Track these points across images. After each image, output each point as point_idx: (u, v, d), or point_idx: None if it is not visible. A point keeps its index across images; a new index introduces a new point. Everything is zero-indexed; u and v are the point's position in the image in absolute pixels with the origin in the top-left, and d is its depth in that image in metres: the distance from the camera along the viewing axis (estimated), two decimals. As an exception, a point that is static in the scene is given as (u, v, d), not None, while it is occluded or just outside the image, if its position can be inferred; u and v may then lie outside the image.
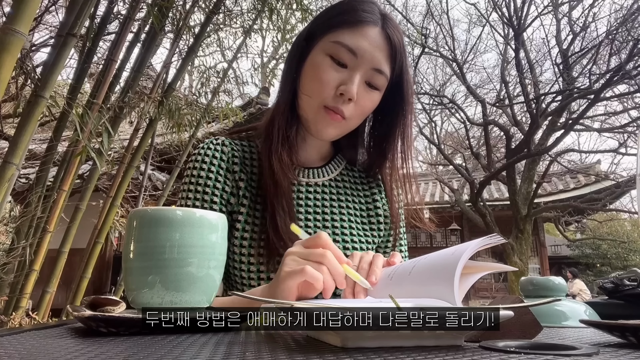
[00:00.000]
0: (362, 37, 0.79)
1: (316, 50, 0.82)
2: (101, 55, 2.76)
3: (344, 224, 0.90)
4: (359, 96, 0.80)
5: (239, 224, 0.85)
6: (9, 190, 1.63)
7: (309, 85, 0.82)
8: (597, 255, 14.58)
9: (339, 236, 0.88)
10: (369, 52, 0.78)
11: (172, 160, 4.17)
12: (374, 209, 0.96)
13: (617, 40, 6.28)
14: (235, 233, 0.84)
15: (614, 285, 2.30)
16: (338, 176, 0.96)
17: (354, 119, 0.83)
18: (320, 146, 0.95)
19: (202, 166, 0.87)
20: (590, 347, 0.35)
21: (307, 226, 0.87)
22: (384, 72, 0.80)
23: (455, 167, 8.78)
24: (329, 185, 0.93)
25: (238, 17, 2.94)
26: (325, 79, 0.79)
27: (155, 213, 0.52)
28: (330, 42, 0.80)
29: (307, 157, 0.94)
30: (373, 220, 0.95)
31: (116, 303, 0.51)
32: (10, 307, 2.03)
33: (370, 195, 0.97)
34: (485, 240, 0.57)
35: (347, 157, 1.00)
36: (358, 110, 0.82)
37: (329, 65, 0.79)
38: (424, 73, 11.24)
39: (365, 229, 0.93)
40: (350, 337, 0.35)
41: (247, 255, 0.82)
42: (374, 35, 0.79)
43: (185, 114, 2.75)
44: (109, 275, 6.93)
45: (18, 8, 1.22)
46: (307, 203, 0.90)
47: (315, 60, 0.81)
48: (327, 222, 0.89)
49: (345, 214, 0.92)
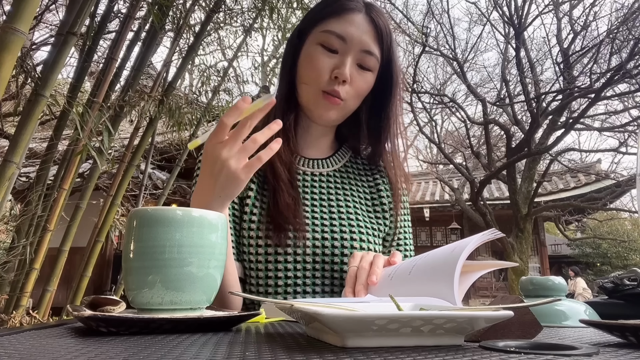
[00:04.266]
0: (348, 23, 0.84)
1: (308, 42, 0.88)
2: (101, 53, 2.77)
3: (350, 211, 0.92)
4: (353, 78, 0.85)
5: (247, 207, 0.88)
6: (10, 188, 1.63)
7: (306, 73, 0.87)
8: (597, 254, 14.60)
9: (345, 221, 0.90)
10: (356, 36, 0.84)
11: (172, 159, 4.17)
12: (378, 197, 0.98)
13: (618, 39, 6.26)
14: (244, 216, 0.88)
15: (614, 285, 2.30)
16: (342, 167, 0.99)
17: (351, 100, 0.87)
18: (324, 137, 0.98)
19: None
20: (590, 347, 0.35)
21: (313, 213, 0.89)
22: (373, 53, 0.85)
23: (455, 166, 8.77)
24: (334, 175, 0.97)
25: (238, 15, 2.93)
26: (319, 65, 0.84)
27: (155, 213, 0.52)
28: (320, 32, 0.86)
29: (312, 148, 0.97)
30: (378, 209, 0.97)
31: (116, 303, 0.51)
32: (10, 305, 2.03)
33: (374, 185, 1.00)
34: (483, 237, 0.57)
35: (351, 147, 1.03)
36: (353, 91, 0.86)
37: (321, 52, 0.85)
38: (425, 72, 11.25)
39: (370, 217, 0.95)
40: (350, 337, 0.35)
41: (256, 238, 0.85)
42: (359, 21, 0.85)
43: (186, 113, 2.75)
44: (109, 273, 6.94)
45: (18, 7, 1.21)
46: (313, 191, 0.92)
47: (308, 51, 0.87)
48: (334, 210, 0.91)
49: (350, 201, 0.94)
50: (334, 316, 0.34)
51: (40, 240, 2.03)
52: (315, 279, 0.85)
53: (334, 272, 0.86)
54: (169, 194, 3.16)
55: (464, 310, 0.38)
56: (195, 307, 0.52)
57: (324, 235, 0.87)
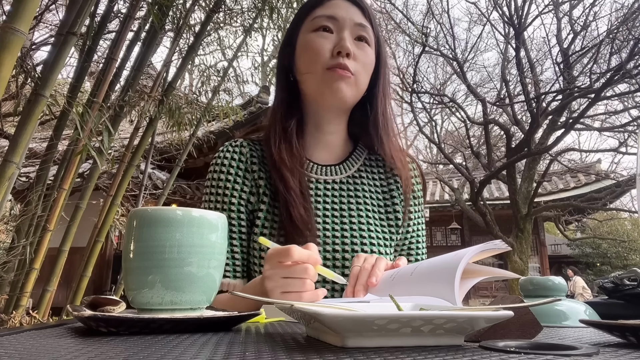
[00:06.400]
0: (334, 6, 0.86)
1: (300, 36, 0.88)
2: (101, 53, 2.77)
3: (362, 220, 0.90)
4: (355, 52, 0.85)
5: (259, 221, 0.87)
6: (10, 188, 1.63)
7: (305, 61, 0.87)
8: (597, 254, 14.60)
9: (357, 232, 0.88)
10: (345, 13, 0.86)
11: (172, 159, 4.17)
12: (391, 205, 0.96)
13: (618, 39, 6.26)
14: (255, 230, 0.87)
15: (613, 285, 2.30)
16: (356, 172, 0.96)
17: (361, 74, 0.86)
18: (335, 135, 0.95)
19: (222, 169, 0.91)
20: (590, 347, 0.35)
21: (325, 223, 0.88)
22: (366, 25, 0.87)
23: (455, 166, 8.77)
24: (347, 182, 0.94)
25: (238, 15, 2.93)
26: (317, 47, 0.84)
27: (155, 213, 0.52)
28: (309, 21, 0.87)
29: (324, 151, 0.95)
30: (391, 217, 0.95)
31: (116, 303, 0.51)
32: (10, 305, 2.03)
33: (388, 192, 0.97)
34: (487, 245, 0.57)
35: (366, 145, 1.00)
36: (360, 65, 0.86)
37: (316, 36, 0.85)
38: (425, 72, 11.25)
39: (383, 226, 0.93)
40: (350, 337, 0.35)
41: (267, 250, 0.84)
42: (342, 4, 0.87)
43: (186, 113, 2.75)
44: (109, 274, 6.94)
45: (18, 7, 1.21)
46: (325, 200, 0.91)
47: (303, 42, 0.88)
48: (345, 219, 0.89)
49: (362, 210, 0.92)
50: (334, 316, 0.34)
51: (40, 240, 2.03)
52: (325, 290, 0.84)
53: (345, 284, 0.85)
54: (169, 194, 3.17)
55: (464, 310, 0.38)
56: (195, 307, 0.52)
57: (335, 247, 0.86)
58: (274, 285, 0.64)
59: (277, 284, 0.63)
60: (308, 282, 0.63)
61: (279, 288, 0.63)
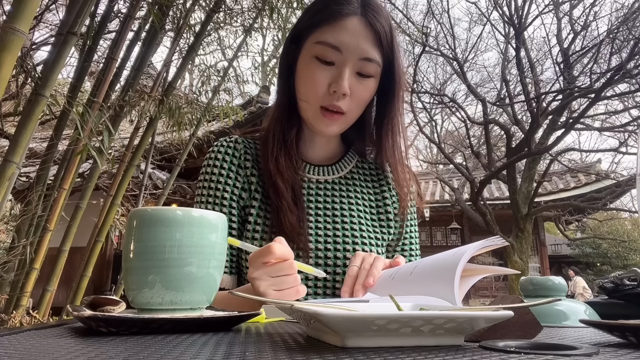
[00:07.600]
0: (343, 30, 0.79)
1: (303, 54, 0.85)
2: (101, 53, 2.76)
3: (354, 220, 0.90)
4: (353, 89, 0.81)
5: (252, 217, 0.87)
6: (10, 188, 1.63)
7: (303, 90, 0.85)
8: (597, 254, 14.60)
9: (348, 232, 0.88)
10: (352, 44, 0.79)
11: (172, 159, 4.17)
12: (383, 206, 0.96)
13: (618, 39, 6.26)
14: (248, 226, 0.87)
15: (614, 285, 2.30)
16: (348, 174, 0.97)
17: (353, 111, 0.85)
18: (329, 144, 0.96)
19: (215, 163, 0.91)
20: (590, 347, 0.35)
21: (317, 222, 0.88)
22: (373, 59, 0.81)
23: (455, 166, 8.77)
24: (339, 183, 0.95)
25: (238, 15, 2.93)
26: (315, 81, 0.81)
27: (155, 213, 0.52)
28: (314, 43, 0.81)
29: (318, 153, 0.96)
30: (383, 218, 0.95)
31: (116, 303, 0.51)
32: (10, 305, 2.03)
33: (380, 193, 0.98)
34: (486, 242, 0.57)
35: (357, 151, 1.01)
36: (355, 102, 0.83)
37: (316, 67, 0.81)
38: (425, 72, 11.24)
39: (375, 226, 0.94)
40: (350, 337, 0.35)
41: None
42: (355, 26, 0.79)
43: (186, 113, 2.74)
44: (109, 273, 6.94)
45: (18, 6, 1.21)
46: (317, 199, 0.91)
47: (303, 65, 0.84)
48: (337, 219, 0.90)
49: (354, 210, 0.92)
50: (334, 316, 0.34)
51: (40, 240, 2.03)
52: (317, 288, 0.84)
53: (335, 282, 0.85)
54: (169, 194, 3.16)
55: (464, 310, 0.38)
56: (195, 307, 0.52)
57: (327, 246, 0.86)
58: (266, 285, 0.63)
59: (268, 283, 0.63)
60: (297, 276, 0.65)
61: (272, 287, 0.63)
